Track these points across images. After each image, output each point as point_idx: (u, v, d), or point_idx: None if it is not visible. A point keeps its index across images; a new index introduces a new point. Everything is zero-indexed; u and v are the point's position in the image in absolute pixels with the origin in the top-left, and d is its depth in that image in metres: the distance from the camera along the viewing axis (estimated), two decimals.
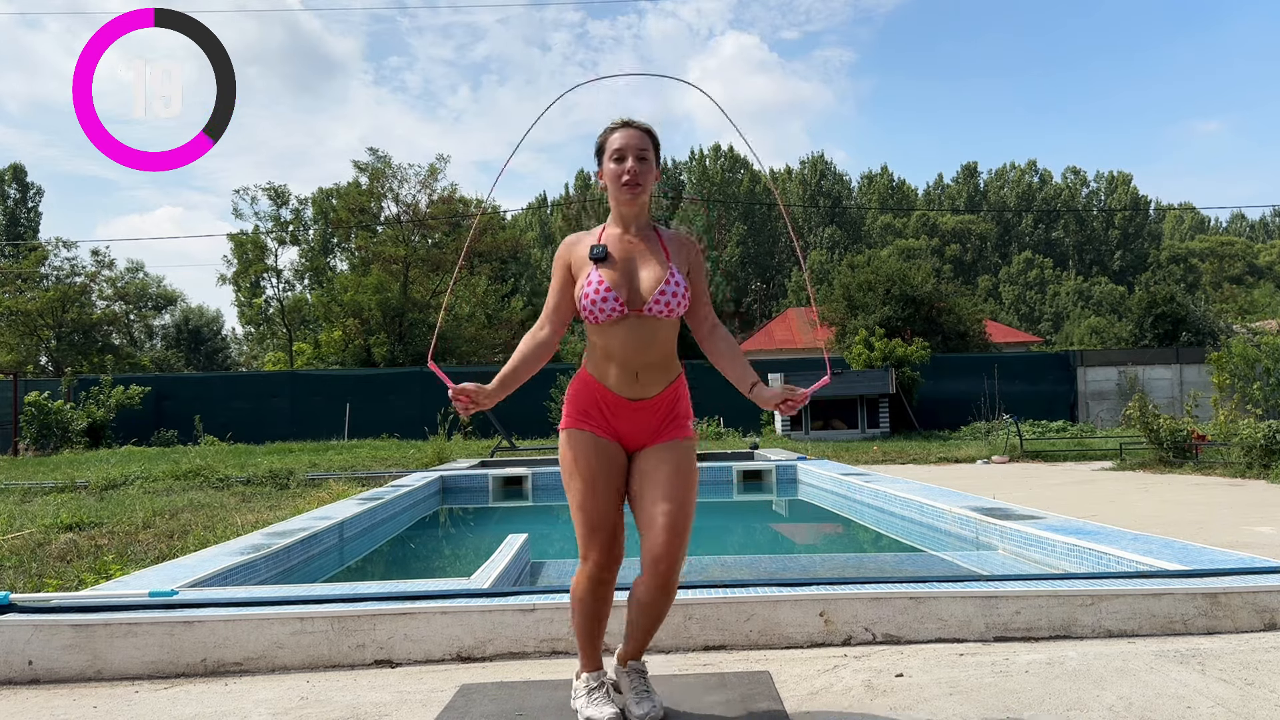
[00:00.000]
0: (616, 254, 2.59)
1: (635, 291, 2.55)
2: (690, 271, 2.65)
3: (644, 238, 2.63)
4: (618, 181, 2.58)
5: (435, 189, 34.82)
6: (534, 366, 2.67)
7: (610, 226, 2.67)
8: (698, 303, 2.68)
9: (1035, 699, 2.68)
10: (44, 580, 4.67)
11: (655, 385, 2.60)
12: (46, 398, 18.64)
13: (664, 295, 2.54)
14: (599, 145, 2.65)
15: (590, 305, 2.54)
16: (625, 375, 2.58)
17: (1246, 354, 13.54)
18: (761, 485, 10.03)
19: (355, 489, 9.06)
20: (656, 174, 2.65)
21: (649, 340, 2.56)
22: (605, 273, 2.55)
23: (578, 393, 2.65)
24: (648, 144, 2.61)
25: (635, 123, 2.64)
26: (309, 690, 2.95)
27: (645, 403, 2.59)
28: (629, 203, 2.60)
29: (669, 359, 2.63)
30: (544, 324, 2.69)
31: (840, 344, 25.18)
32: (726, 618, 3.30)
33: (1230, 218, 78.55)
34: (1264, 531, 6.07)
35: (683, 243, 2.68)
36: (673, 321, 2.61)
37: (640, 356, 2.56)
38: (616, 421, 2.60)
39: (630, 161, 2.57)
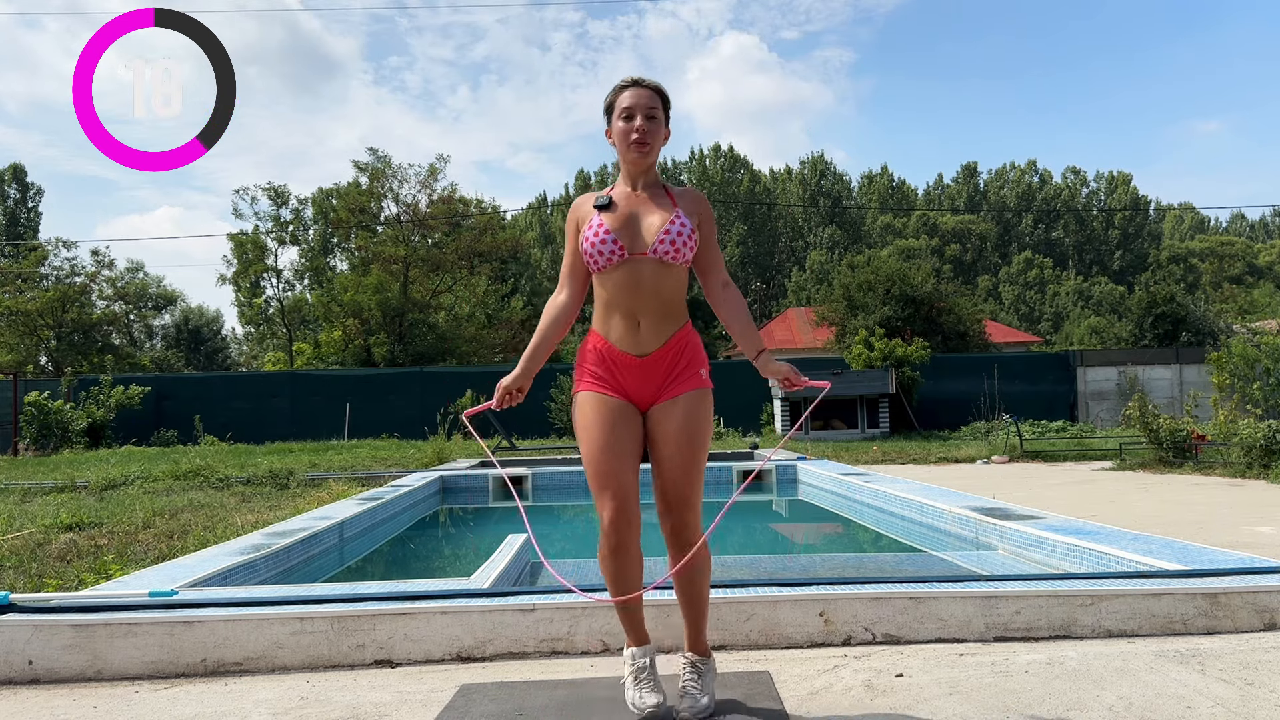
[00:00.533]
0: (622, 205, 2.59)
1: (637, 236, 2.54)
2: (700, 225, 2.62)
3: (652, 194, 2.62)
4: (626, 140, 2.57)
5: (435, 189, 34.84)
6: (558, 336, 2.69)
7: (619, 185, 2.66)
8: (709, 258, 2.66)
9: (1035, 699, 2.68)
10: (44, 580, 4.67)
11: (659, 336, 2.55)
12: (46, 398, 18.64)
13: (668, 235, 2.51)
14: (608, 104, 2.64)
15: (590, 249, 2.53)
16: (628, 326, 2.54)
17: (1246, 354, 13.55)
18: (761, 485, 10.03)
19: (355, 489, 9.06)
20: (666, 133, 2.64)
21: (651, 287, 2.52)
22: (607, 218, 2.55)
23: (585, 354, 2.63)
24: (657, 103, 2.60)
25: (645, 81, 2.62)
26: (309, 690, 2.95)
27: (650, 358, 2.55)
28: (637, 161, 2.59)
29: (673, 308, 2.58)
30: (562, 286, 2.69)
31: (840, 344, 25.18)
32: (726, 618, 3.30)
33: (1230, 218, 78.65)
34: (1264, 531, 6.07)
35: (693, 197, 2.66)
36: (677, 270, 2.57)
37: (643, 304, 2.53)
38: (624, 380, 2.57)
39: (639, 119, 2.56)
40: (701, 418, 2.56)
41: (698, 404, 2.56)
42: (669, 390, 2.57)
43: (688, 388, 2.57)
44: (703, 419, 2.57)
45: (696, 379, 2.59)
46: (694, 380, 2.58)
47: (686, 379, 2.58)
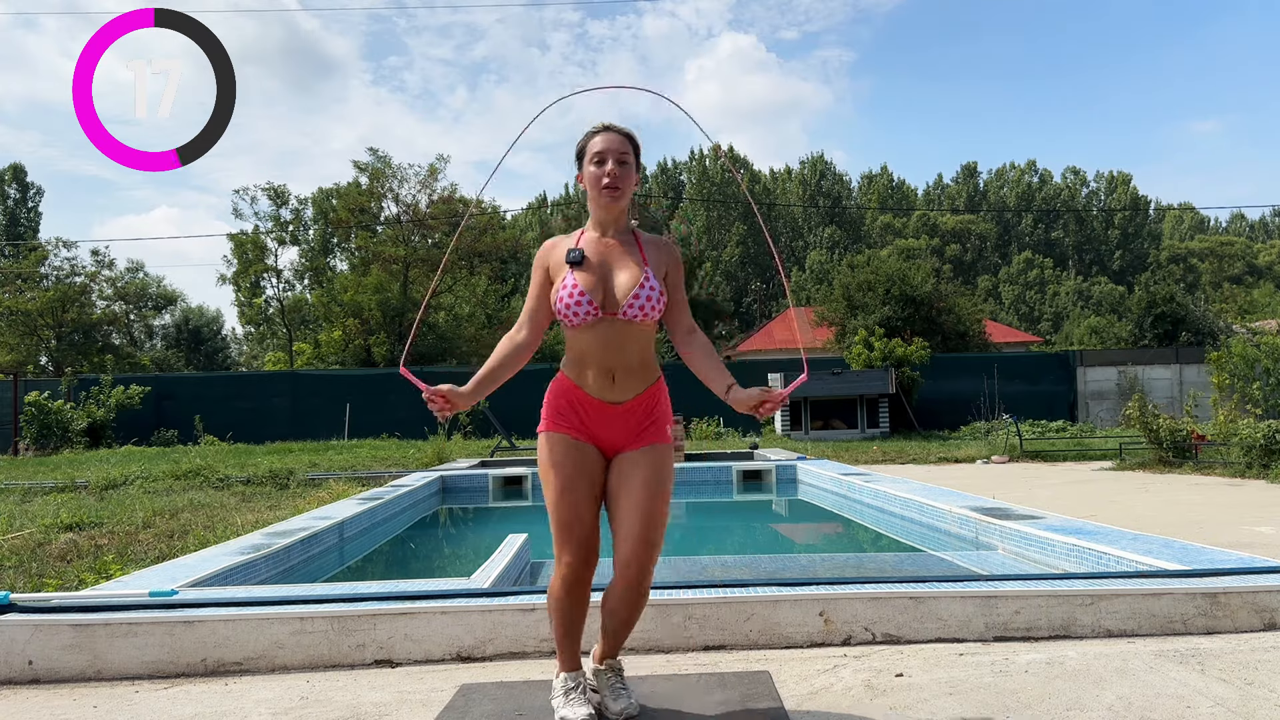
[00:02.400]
0: (593, 257, 2.60)
1: (610, 295, 2.56)
2: (668, 275, 2.65)
3: (622, 241, 2.64)
4: (598, 185, 2.59)
5: (435, 189, 34.85)
6: (512, 369, 2.69)
7: (589, 230, 2.68)
8: (676, 307, 2.68)
9: (1035, 699, 2.69)
10: (44, 580, 4.68)
11: (632, 389, 2.60)
12: (46, 398, 18.64)
13: (638, 299, 2.54)
14: (580, 149, 2.66)
15: (564, 309, 2.55)
16: (601, 378, 2.58)
17: (1246, 354, 13.55)
18: (761, 485, 10.03)
19: (355, 489, 9.06)
20: (637, 179, 2.66)
21: (624, 344, 2.56)
22: (580, 276, 2.55)
23: (555, 395, 2.65)
24: (628, 148, 2.62)
25: (616, 127, 2.64)
26: (309, 690, 2.95)
27: (622, 406, 2.59)
28: (608, 206, 2.61)
29: (646, 363, 2.63)
30: (522, 326, 2.70)
31: (840, 344, 25.18)
32: (726, 618, 3.30)
33: (1230, 218, 78.61)
34: (1264, 531, 6.07)
35: (660, 246, 2.68)
36: (649, 326, 2.60)
37: (616, 360, 2.57)
38: (593, 425, 2.60)
39: (610, 164, 2.58)
40: (668, 472, 2.62)
41: (665, 458, 2.61)
42: (637, 441, 2.60)
43: (658, 439, 2.61)
44: (669, 473, 2.62)
45: (663, 434, 2.63)
46: (661, 435, 2.63)
47: (657, 431, 2.62)
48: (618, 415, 2.59)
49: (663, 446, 2.61)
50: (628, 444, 2.60)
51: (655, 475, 2.56)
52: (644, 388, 2.62)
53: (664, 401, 2.67)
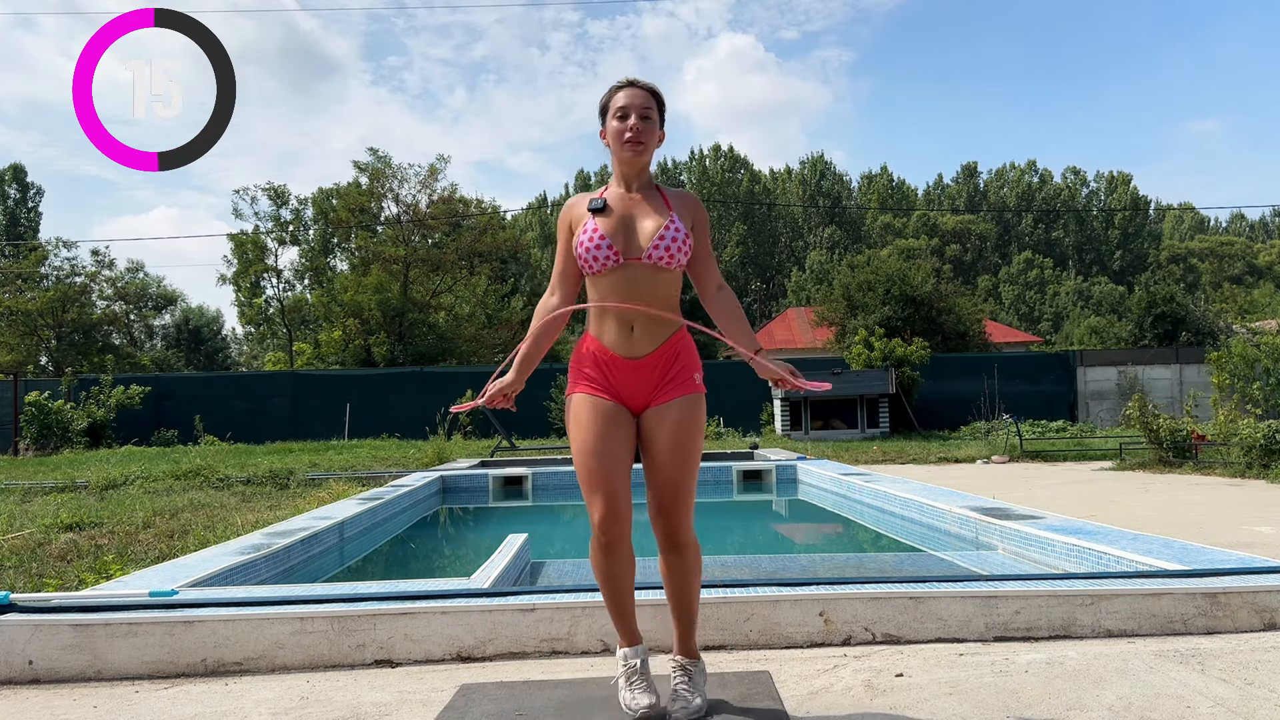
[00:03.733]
0: (616, 208, 2.58)
1: (632, 240, 2.53)
2: (694, 228, 2.62)
3: (646, 195, 2.62)
4: (620, 139, 2.56)
5: (435, 189, 34.84)
6: (550, 338, 2.69)
7: (612, 185, 2.66)
8: (702, 261, 2.65)
9: (1035, 699, 2.69)
10: (44, 580, 4.67)
11: (653, 340, 2.56)
12: (46, 398, 18.64)
13: (663, 241, 2.51)
14: (603, 104, 2.64)
15: (585, 254, 2.53)
16: (621, 329, 2.55)
17: (1246, 354, 13.55)
18: (761, 485, 10.03)
19: (355, 489, 9.06)
20: (661, 135, 2.64)
21: (645, 291, 2.53)
22: (601, 222, 2.54)
23: (579, 356, 2.64)
24: (652, 103, 2.60)
25: (640, 82, 2.62)
26: (309, 690, 2.95)
27: (643, 360, 2.56)
28: (631, 161, 2.58)
29: (667, 312, 2.58)
30: (553, 289, 2.69)
31: (840, 344, 25.18)
32: (726, 618, 3.30)
33: (1230, 218, 78.63)
34: (1264, 531, 6.07)
35: (687, 199, 2.66)
36: (672, 274, 2.56)
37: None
38: (617, 382, 2.57)
39: (633, 119, 2.55)
40: (694, 423, 2.56)
41: (691, 409, 2.56)
42: (662, 394, 2.57)
43: (681, 393, 2.56)
44: (695, 424, 2.57)
45: (690, 384, 2.58)
46: (687, 385, 2.58)
47: (680, 384, 2.57)
48: (640, 369, 2.56)
49: (689, 397, 2.56)
50: (654, 398, 2.57)
51: (681, 424, 2.52)
52: (666, 337, 2.57)
53: (687, 352, 2.62)
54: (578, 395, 2.60)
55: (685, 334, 2.64)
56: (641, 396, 2.58)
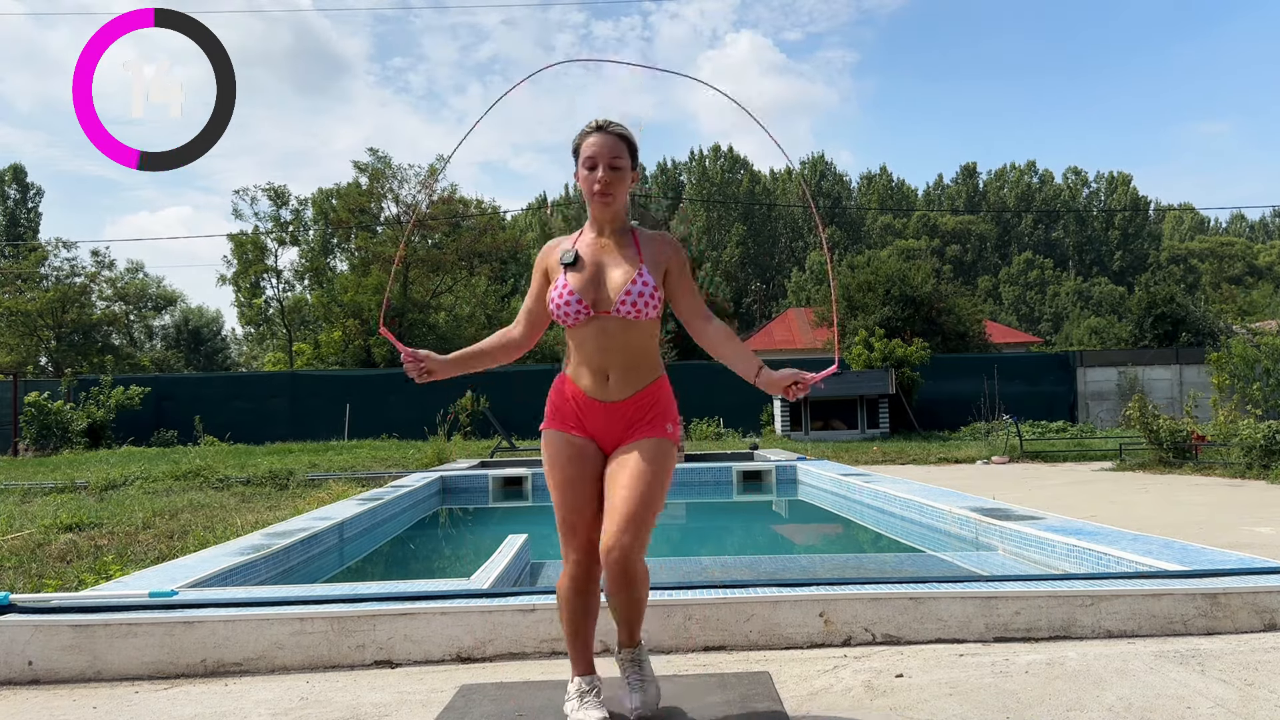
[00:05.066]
0: (588, 257, 2.60)
1: (602, 294, 2.55)
2: (669, 270, 2.63)
3: (618, 241, 2.63)
4: (590, 190, 2.58)
5: (435, 189, 34.84)
6: (495, 359, 2.72)
7: (587, 230, 2.68)
8: (685, 297, 2.65)
9: (1035, 699, 2.68)
10: (44, 580, 4.67)
11: (628, 388, 2.58)
12: (46, 398, 18.64)
13: (629, 296, 2.53)
14: (575, 146, 2.64)
15: (556, 309, 2.57)
16: (596, 377, 2.59)
17: (1246, 354, 13.55)
18: (761, 485, 10.03)
19: (355, 489, 9.06)
20: (634, 176, 2.64)
21: (618, 342, 2.56)
22: (572, 277, 2.57)
23: (555, 394, 2.68)
24: (621, 149, 2.58)
25: (610, 128, 2.60)
26: (309, 690, 2.95)
27: (616, 405, 2.59)
28: (601, 210, 2.60)
29: (643, 362, 2.60)
30: (517, 323, 2.74)
31: (840, 344, 25.19)
32: (726, 618, 3.30)
33: (1230, 218, 78.61)
34: (1264, 531, 6.07)
35: (660, 243, 2.65)
36: (646, 324, 2.58)
37: (610, 359, 2.57)
38: (589, 422, 2.61)
39: (601, 171, 2.55)
40: (660, 463, 2.54)
41: (658, 452, 2.55)
42: (633, 435, 2.59)
43: (651, 434, 2.58)
44: (661, 464, 2.55)
45: (661, 430, 2.60)
46: (658, 430, 2.59)
47: (653, 427, 2.59)
48: (613, 414, 2.59)
49: (658, 440, 2.58)
50: (623, 438, 2.60)
51: (644, 462, 2.52)
52: (641, 387, 2.60)
53: (663, 399, 2.64)
54: (551, 432, 2.65)
55: (664, 383, 2.66)
56: (613, 436, 2.61)
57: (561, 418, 2.64)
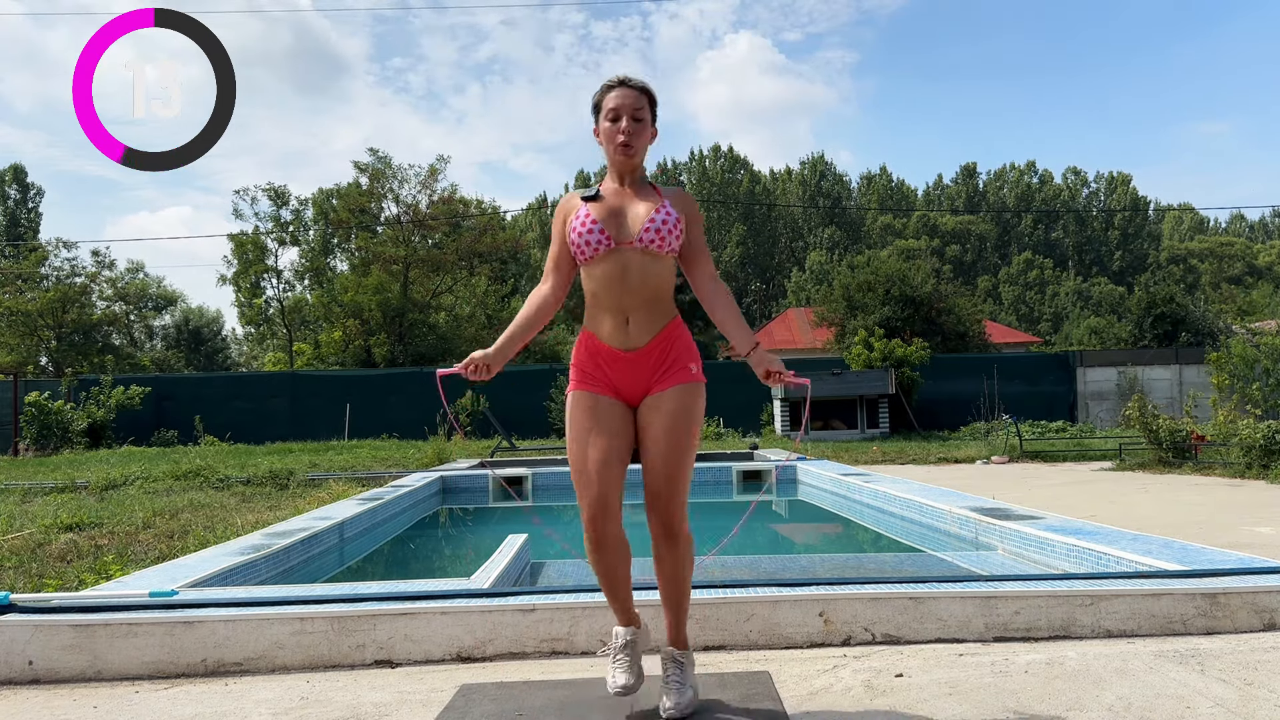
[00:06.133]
0: (609, 198, 2.63)
1: (624, 225, 2.57)
2: (687, 222, 2.65)
3: (638, 189, 2.66)
4: (612, 141, 2.61)
5: (435, 189, 34.84)
6: (537, 325, 2.72)
7: (607, 181, 2.70)
8: (695, 254, 2.68)
9: (1035, 699, 2.69)
10: (44, 580, 4.67)
11: (647, 331, 2.59)
12: (46, 398, 18.64)
13: (653, 224, 2.55)
14: (595, 102, 2.67)
15: (577, 239, 2.56)
16: (616, 321, 2.58)
17: (1245, 354, 13.55)
18: (761, 485, 10.03)
19: (355, 489, 9.06)
20: (653, 132, 2.68)
21: (638, 278, 2.55)
22: (594, 208, 2.59)
23: (578, 352, 2.68)
24: (643, 103, 2.63)
25: (631, 81, 2.64)
26: (309, 690, 2.95)
27: (638, 353, 2.58)
28: (623, 162, 2.63)
29: (660, 301, 2.61)
30: (546, 278, 2.73)
31: (840, 344, 25.18)
32: (726, 618, 3.30)
33: (1229, 218, 78.61)
34: (1264, 531, 6.07)
35: (680, 194, 2.70)
36: (664, 261, 2.60)
37: (629, 298, 2.56)
38: (614, 375, 2.60)
39: (625, 121, 2.59)
40: (691, 412, 2.58)
41: (687, 397, 2.58)
42: (659, 383, 2.59)
43: (678, 381, 2.59)
44: (692, 413, 2.58)
45: (686, 373, 2.60)
46: (683, 374, 2.60)
47: (676, 372, 2.60)
48: (636, 362, 2.58)
49: (685, 386, 2.59)
50: (651, 388, 2.60)
51: (677, 412, 2.54)
52: (659, 329, 2.60)
53: (682, 340, 2.64)
54: (575, 392, 2.64)
55: (680, 323, 2.67)
56: (639, 388, 2.61)
57: (586, 376, 2.63)
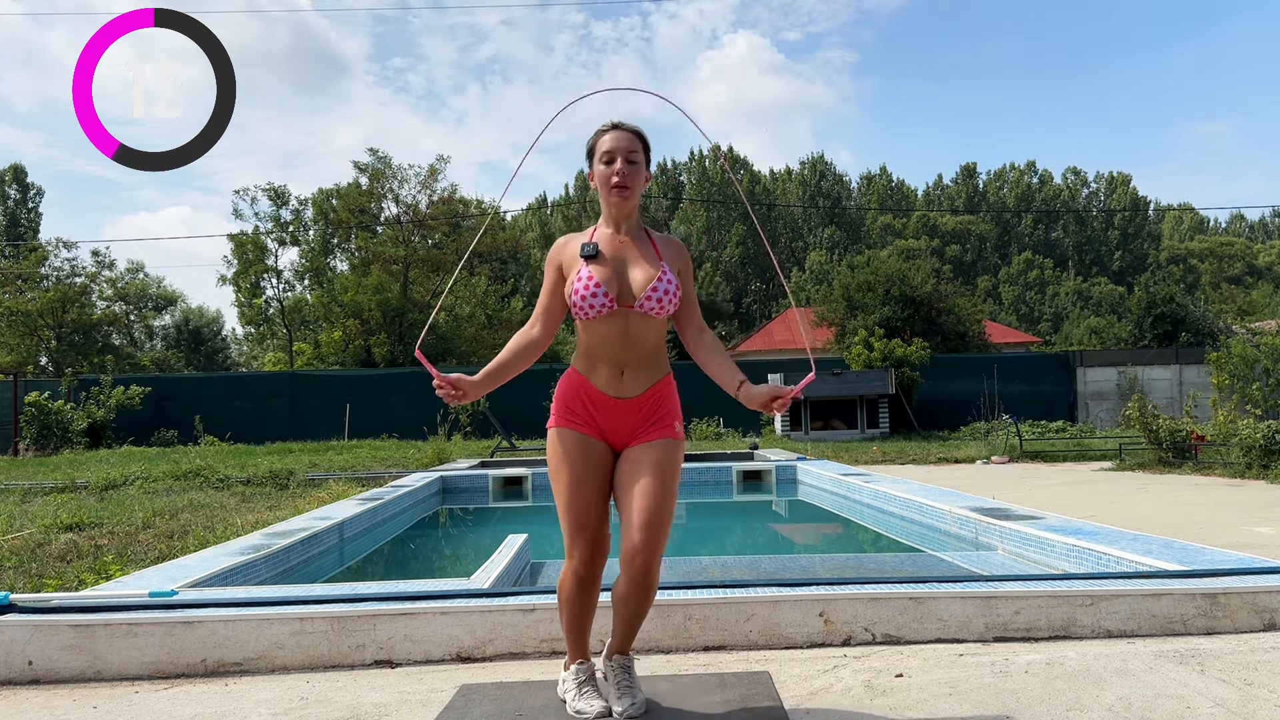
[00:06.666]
0: (607, 252, 2.63)
1: (626, 288, 2.59)
2: (680, 275, 2.68)
3: (635, 238, 2.68)
4: (607, 184, 2.62)
5: (435, 189, 34.84)
6: (522, 365, 2.72)
7: (601, 227, 2.71)
8: (686, 306, 2.71)
9: (1035, 699, 2.69)
10: (44, 580, 4.67)
11: (641, 384, 2.63)
12: (47, 398, 18.64)
13: (655, 292, 2.57)
14: (589, 147, 2.70)
15: (580, 301, 2.57)
16: (611, 373, 2.61)
17: (1245, 354, 13.55)
18: (761, 485, 10.03)
19: (355, 489, 9.06)
20: (647, 175, 2.70)
21: (637, 338, 2.60)
22: (596, 269, 2.59)
23: (565, 390, 2.69)
24: (637, 146, 2.64)
25: (625, 125, 2.67)
26: (309, 690, 2.95)
27: (629, 401, 2.62)
28: (618, 205, 2.64)
29: (656, 358, 2.66)
30: (535, 323, 2.73)
31: (840, 344, 25.17)
32: (726, 618, 3.30)
33: (1229, 218, 78.57)
34: (1264, 531, 6.07)
35: (673, 246, 2.73)
36: (661, 321, 2.64)
37: (627, 354, 2.60)
38: (601, 419, 2.63)
39: (619, 164, 2.61)
40: (674, 465, 2.61)
41: (672, 453, 2.62)
42: (645, 435, 2.63)
43: (663, 435, 2.63)
44: (675, 466, 2.62)
45: (671, 430, 2.65)
46: (669, 430, 2.65)
47: (662, 427, 2.64)
48: (626, 410, 2.62)
49: (670, 440, 2.63)
50: (636, 438, 2.63)
51: (661, 466, 2.57)
52: (651, 383, 2.65)
53: (672, 397, 2.70)
54: (563, 430, 2.65)
55: (671, 381, 2.71)
56: (624, 434, 2.64)
57: (572, 415, 2.65)
